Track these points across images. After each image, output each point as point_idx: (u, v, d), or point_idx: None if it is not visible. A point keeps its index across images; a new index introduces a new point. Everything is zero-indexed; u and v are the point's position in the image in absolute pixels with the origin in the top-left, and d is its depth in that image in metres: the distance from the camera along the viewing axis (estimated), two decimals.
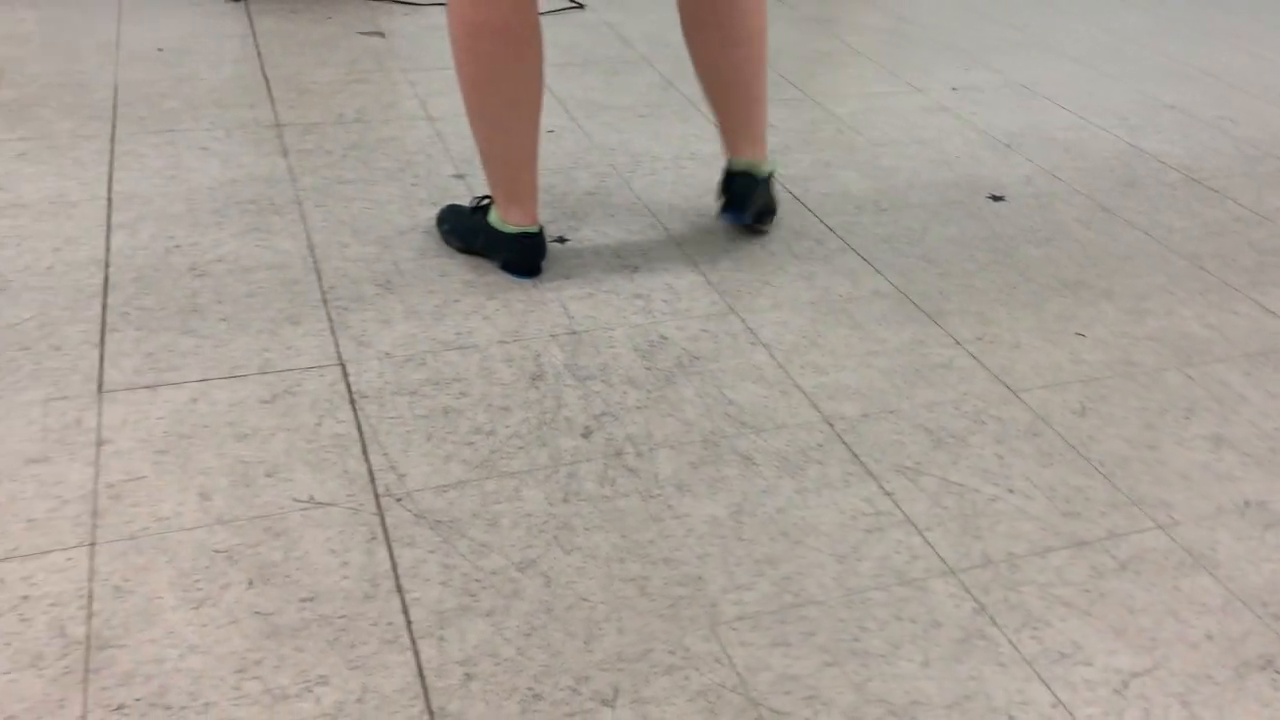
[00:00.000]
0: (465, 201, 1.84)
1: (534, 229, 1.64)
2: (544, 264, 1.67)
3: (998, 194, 2.04)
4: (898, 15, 3.11)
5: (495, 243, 1.65)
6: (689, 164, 2.07)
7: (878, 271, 1.74)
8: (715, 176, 2.02)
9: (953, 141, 2.26)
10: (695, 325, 1.56)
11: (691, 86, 2.43)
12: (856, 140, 2.23)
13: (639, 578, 1.12)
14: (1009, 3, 3.29)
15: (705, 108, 2.32)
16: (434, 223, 1.78)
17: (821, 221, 1.88)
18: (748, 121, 1.75)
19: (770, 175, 1.77)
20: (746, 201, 1.76)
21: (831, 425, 1.37)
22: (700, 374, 1.45)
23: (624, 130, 2.19)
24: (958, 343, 1.57)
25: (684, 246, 1.77)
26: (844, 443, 1.34)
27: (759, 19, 1.68)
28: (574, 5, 2.92)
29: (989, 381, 1.48)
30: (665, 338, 1.52)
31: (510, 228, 1.63)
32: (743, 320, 1.58)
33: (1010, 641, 1.08)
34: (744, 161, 1.76)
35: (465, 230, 1.69)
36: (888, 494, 1.27)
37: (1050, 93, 2.56)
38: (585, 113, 2.25)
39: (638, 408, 1.38)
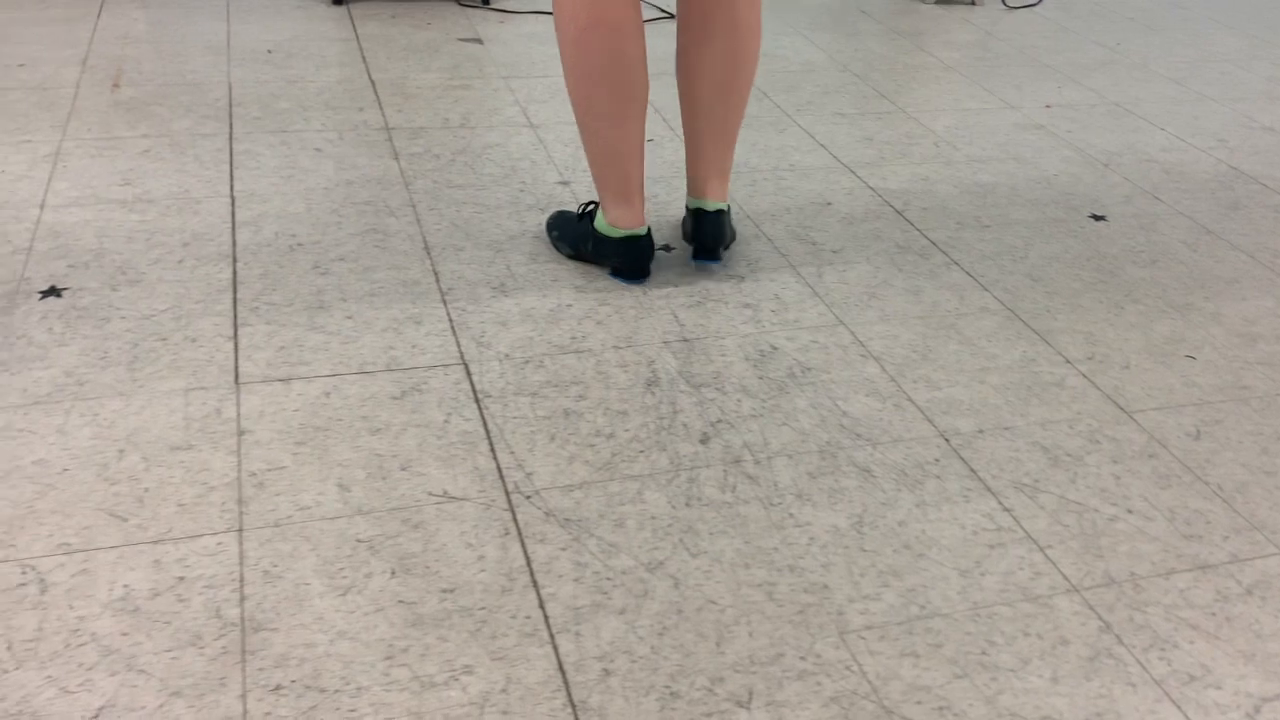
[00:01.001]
0: (572, 208, 1.88)
1: (641, 231, 1.66)
2: (652, 270, 1.70)
3: (1099, 213, 2.03)
4: (986, 31, 3.10)
5: (603, 247, 1.68)
6: (788, 175, 2.08)
7: (984, 288, 1.74)
8: (815, 188, 2.04)
9: (1050, 160, 2.26)
10: (805, 336, 1.58)
11: (787, 97, 2.45)
12: (953, 155, 2.23)
13: (765, 583, 1.14)
14: (1100, 21, 3.27)
15: (802, 120, 2.34)
16: (544, 228, 1.82)
17: (924, 236, 1.89)
18: (722, 152, 1.69)
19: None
20: (720, 237, 1.70)
21: (947, 440, 1.38)
22: (813, 385, 1.47)
23: None
24: (1068, 361, 1.57)
25: (789, 257, 1.79)
26: (961, 458, 1.35)
27: (754, 36, 1.63)
28: (666, 15, 2.95)
29: (1101, 401, 1.48)
30: (775, 348, 1.54)
31: (618, 231, 1.65)
32: (852, 332, 1.59)
33: (1139, 662, 1.08)
34: (713, 204, 1.70)
35: (574, 236, 1.72)
36: (1007, 510, 1.27)
37: (1146, 113, 2.55)
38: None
39: (753, 416, 1.40)
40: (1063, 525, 1.26)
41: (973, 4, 3.37)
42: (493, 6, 2.89)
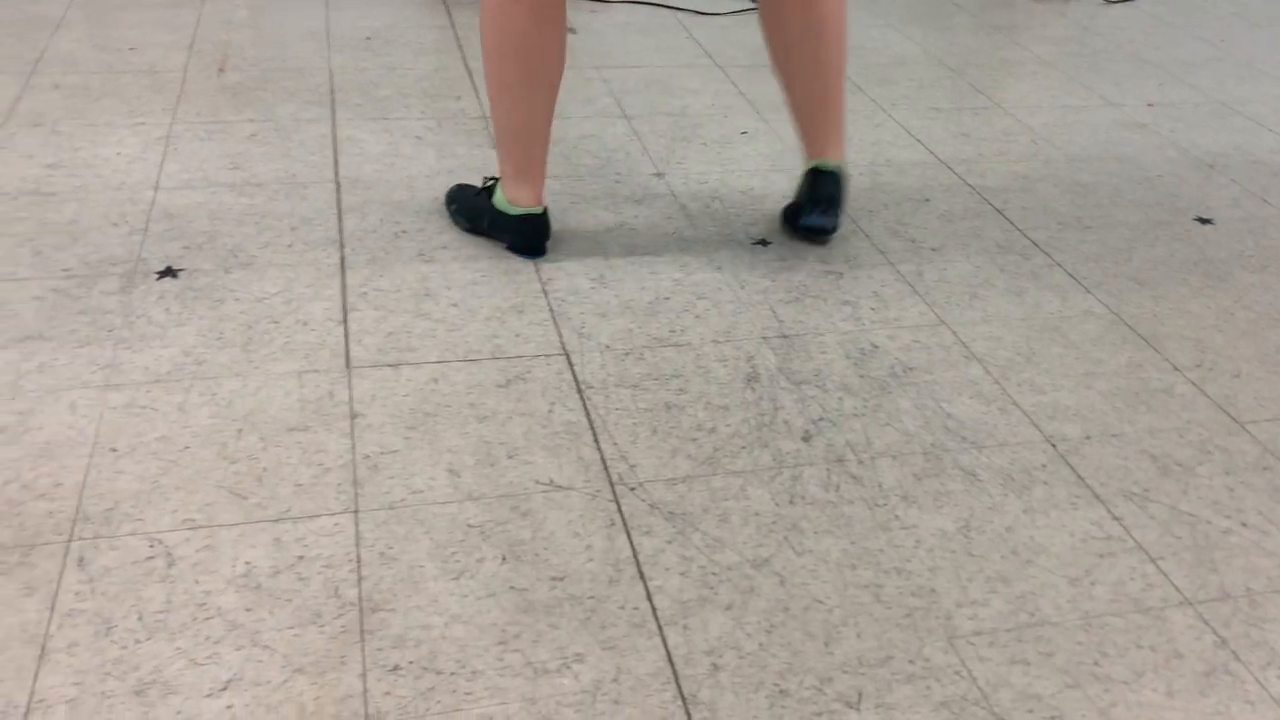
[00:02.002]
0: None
1: (538, 210, 1.67)
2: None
3: (1205, 216, 1.98)
4: (1083, 26, 3.03)
5: (500, 224, 1.70)
6: (884, 170, 2.06)
7: (1088, 291, 1.71)
8: (912, 184, 2.02)
9: (1153, 159, 2.20)
10: (906, 335, 1.56)
11: (881, 91, 2.43)
12: (1053, 154, 2.19)
13: (872, 585, 1.14)
14: (1202, 16, 3.18)
15: (897, 114, 2.31)
16: (445, 200, 1.82)
17: (1025, 236, 1.86)
18: (831, 116, 1.71)
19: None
20: (837, 201, 1.73)
21: (1054, 446, 1.36)
22: (915, 385, 1.46)
23: None
24: (1176, 368, 1.53)
25: (887, 254, 1.77)
26: (1068, 464, 1.33)
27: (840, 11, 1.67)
28: (757, 7, 2.93)
29: (1212, 410, 1.45)
30: (876, 346, 1.54)
31: (515, 209, 1.67)
32: (954, 333, 1.57)
33: (1257, 680, 1.06)
34: (830, 163, 1.73)
35: (472, 210, 1.74)
36: (1116, 519, 1.25)
37: (1254, 113, 2.47)
38: (777, 116, 2.27)
39: (855, 415, 1.39)
40: (1174, 537, 1.23)
41: None
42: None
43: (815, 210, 1.73)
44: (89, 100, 2.07)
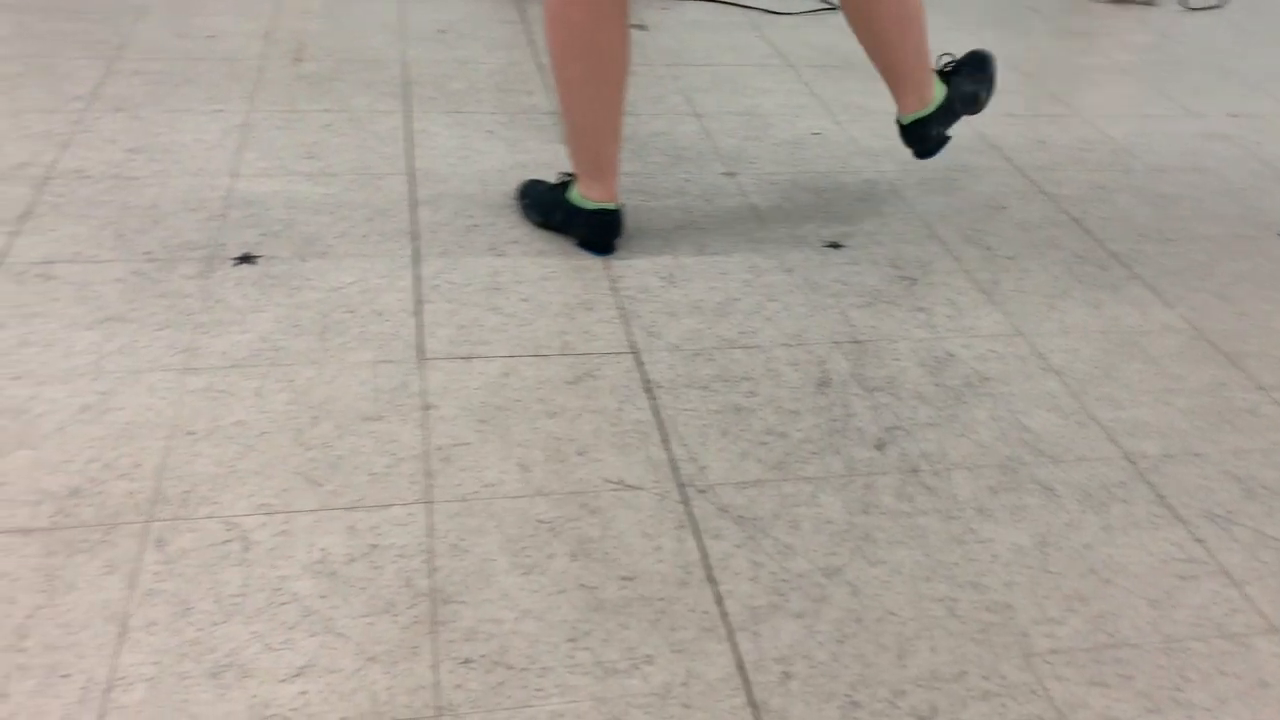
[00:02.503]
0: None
1: (612, 206, 1.67)
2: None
3: None
4: (1163, 33, 2.96)
5: (573, 219, 1.70)
6: (959, 176, 2.03)
7: (1168, 305, 1.67)
8: (988, 191, 1.98)
9: (1236, 172, 2.15)
10: (982, 344, 1.54)
11: None
12: (1132, 163, 2.15)
13: (947, 598, 1.12)
14: None
15: (972, 120, 2.27)
16: (518, 195, 1.82)
17: (1103, 247, 1.82)
18: (916, 71, 1.78)
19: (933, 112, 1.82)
20: (927, 141, 1.83)
21: (1133, 463, 1.33)
22: (991, 396, 1.43)
23: (889, 137, 2.16)
24: (1261, 388, 1.49)
25: (962, 261, 1.74)
26: (1148, 482, 1.30)
27: None
28: (828, 7, 2.91)
29: None
30: (951, 355, 1.51)
31: (589, 204, 1.67)
32: (1031, 344, 1.54)
33: None
34: (912, 116, 1.81)
35: (545, 205, 1.74)
36: (1199, 541, 1.22)
37: None
38: (849, 116, 2.24)
39: (929, 425, 1.37)
40: (1260, 561, 1.20)
41: (1149, 4, 3.22)
42: None
43: (918, 154, 1.85)
44: (169, 86, 2.10)
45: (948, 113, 1.81)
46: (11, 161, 1.79)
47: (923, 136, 1.82)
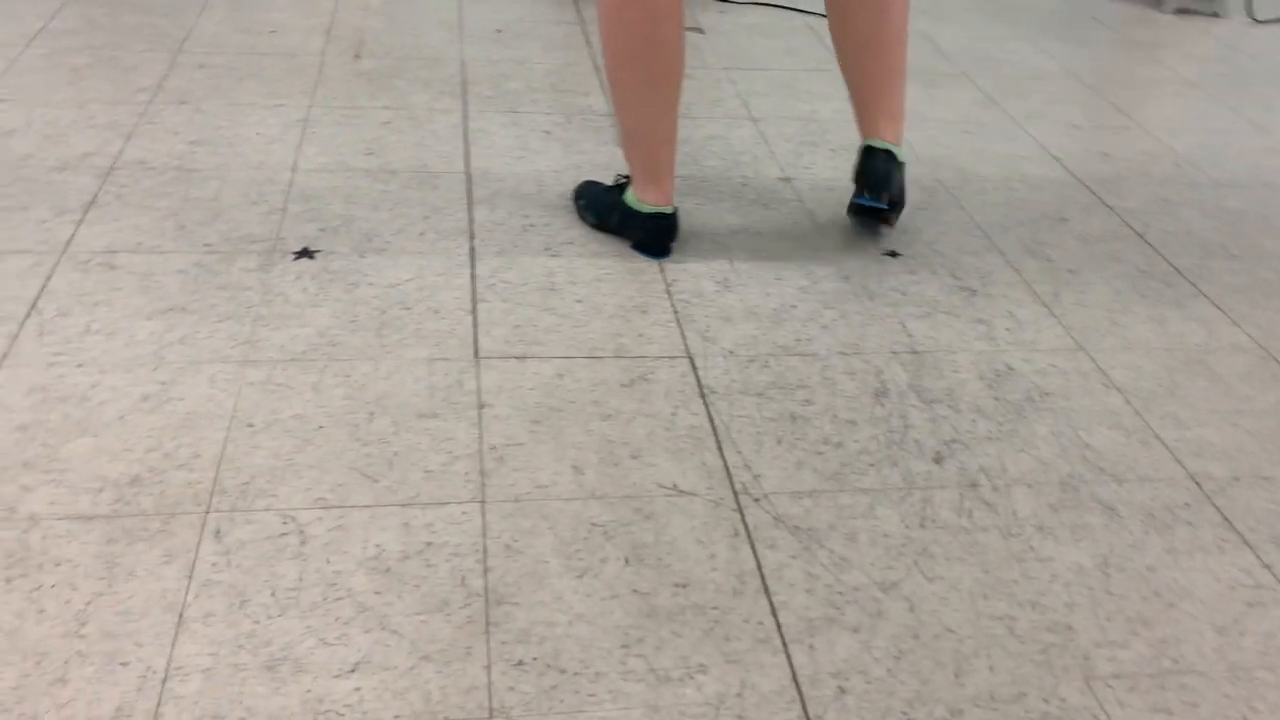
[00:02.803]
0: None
1: (668, 210, 1.66)
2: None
3: None
4: (1230, 45, 2.90)
5: (629, 221, 1.69)
6: (1019, 186, 2.00)
7: (1235, 323, 1.63)
8: (1049, 202, 1.95)
9: None
10: (1042, 359, 1.51)
11: (1017, 105, 2.35)
12: (1197, 178, 2.10)
13: (1006, 617, 1.10)
14: None
15: (1033, 130, 2.24)
16: (574, 196, 1.81)
17: (1168, 262, 1.78)
18: (885, 95, 1.68)
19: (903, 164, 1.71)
20: (889, 181, 1.66)
21: (1199, 484, 1.30)
22: (1052, 411, 1.40)
23: (948, 146, 2.14)
24: None
25: (1022, 273, 1.71)
26: (1214, 505, 1.27)
27: None
28: None
29: None
30: (1011, 368, 1.49)
31: (645, 207, 1.66)
32: (1093, 359, 1.52)
33: None
34: (882, 142, 1.68)
35: (601, 207, 1.74)
36: (1267, 567, 1.19)
37: None
38: (907, 124, 2.22)
39: (989, 439, 1.35)
40: None
41: (1215, 15, 3.16)
42: None
43: (865, 189, 1.68)
44: (232, 80, 2.13)
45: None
46: (77, 151, 1.82)
47: (889, 173, 1.67)
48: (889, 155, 1.68)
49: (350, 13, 2.55)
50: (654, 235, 1.68)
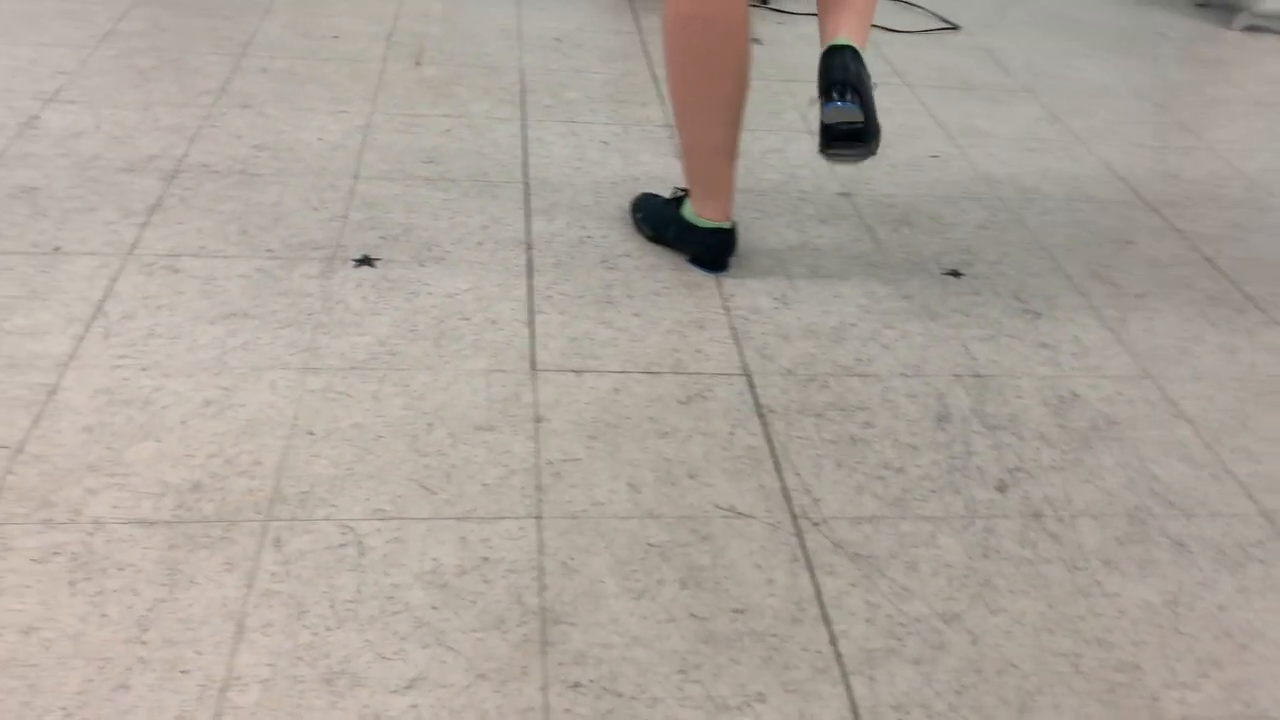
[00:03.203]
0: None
1: (726, 225, 1.65)
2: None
3: None
4: None
5: (685, 235, 1.68)
6: (1084, 206, 1.97)
7: None
8: (1115, 224, 1.91)
9: None
10: (1108, 386, 1.48)
11: (1080, 123, 2.31)
12: (1269, 202, 2.05)
13: (1071, 654, 1.08)
14: None
15: (1097, 149, 2.20)
16: (631, 208, 1.80)
17: (1238, 289, 1.74)
18: (857, 12, 1.48)
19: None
20: (860, 82, 1.42)
21: (1272, 522, 1.26)
22: (1119, 441, 1.37)
23: (1010, 163, 2.11)
24: None
25: (1088, 297, 1.68)
26: None
27: None
28: (948, 26, 2.84)
29: None
30: (1077, 395, 1.45)
31: (704, 222, 1.65)
32: (1160, 388, 1.48)
33: None
34: (844, 39, 1.45)
35: (659, 220, 1.72)
36: None
37: None
38: (969, 140, 2.19)
39: (1053, 468, 1.32)
40: None
41: None
42: (771, 6, 2.86)
43: (832, 90, 1.43)
44: (294, 85, 2.15)
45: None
46: (143, 153, 1.84)
47: (858, 73, 1.43)
48: (855, 53, 1.45)
49: (411, 19, 2.56)
50: (712, 251, 1.67)
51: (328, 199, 1.76)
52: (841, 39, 1.47)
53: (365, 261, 1.60)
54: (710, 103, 1.57)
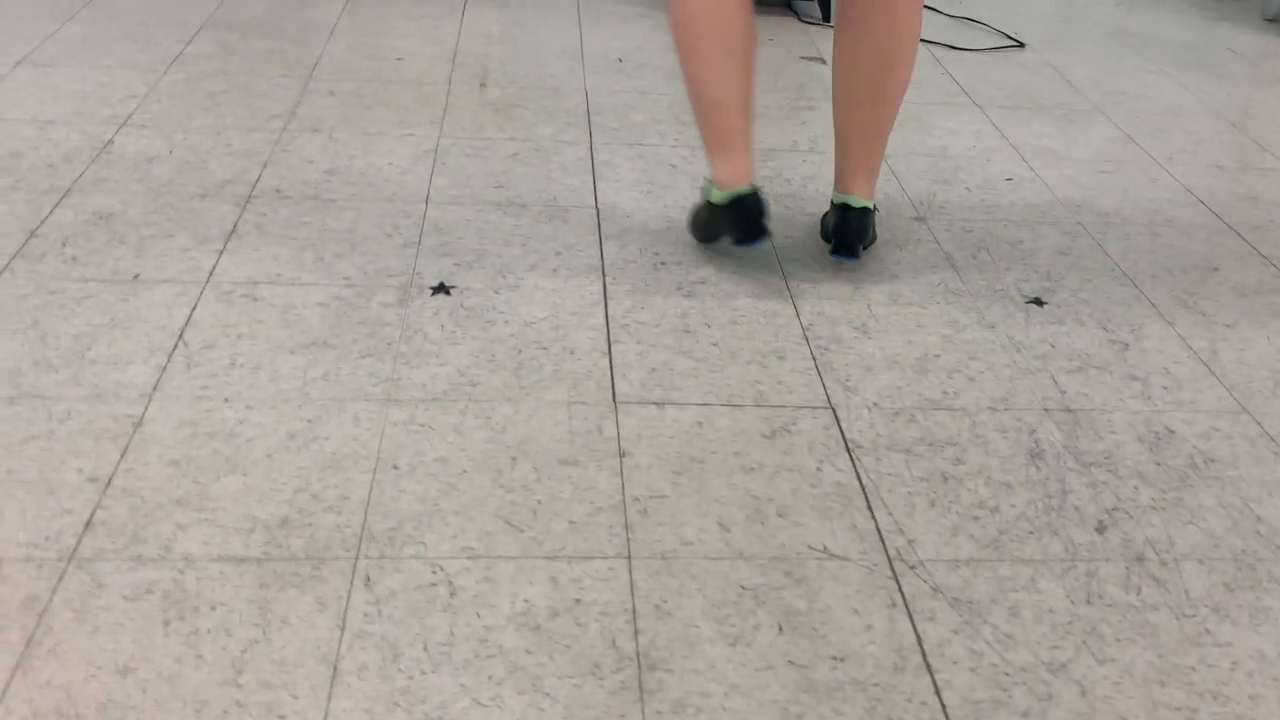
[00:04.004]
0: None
1: (746, 190, 1.61)
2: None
3: None
4: None
5: (719, 219, 1.66)
6: (1164, 231, 1.92)
7: None
8: (1198, 249, 1.86)
9: None
10: (1204, 421, 1.43)
11: (1155, 144, 2.26)
12: None
13: (1185, 708, 1.04)
14: None
15: (1174, 170, 2.15)
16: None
17: None
18: (871, 152, 1.67)
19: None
20: (863, 235, 1.68)
21: None
22: (1219, 480, 1.33)
23: (1087, 186, 2.06)
24: None
25: (1176, 326, 1.63)
26: None
27: (911, 38, 1.62)
28: (1014, 44, 2.80)
29: None
30: (1172, 431, 1.41)
31: (723, 196, 1.62)
32: (1259, 424, 1.43)
33: None
34: (858, 200, 1.68)
35: (699, 220, 1.73)
36: None
37: None
38: (1042, 162, 2.15)
39: (1153, 508, 1.28)
40: None
41: None
42: (834, 24, 2.83)
43: (841, 248, 1.68)
44: (361, 108, 2.15)
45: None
46: (217, 179, 1.85)
47: (863, 228, 1.68)
48: (863, 212, 1.68)
49: (472, 40, 2.56)
50: (743, 220, 1.62)
51: (401, 225, 1.75)
52: (857, 200, 1.67)
53: (441, 289, 1.59)
54: (717, 53, 1.56)
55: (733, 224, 1.63)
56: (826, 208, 1.90)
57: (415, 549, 1.15)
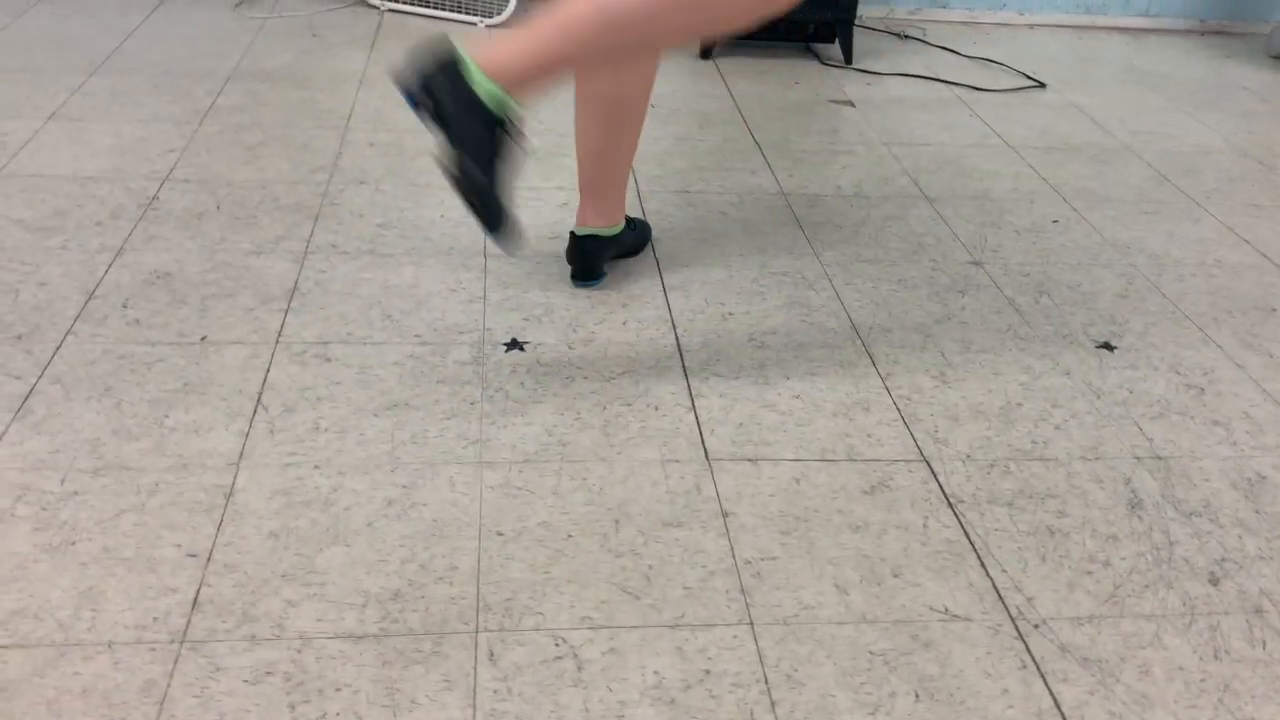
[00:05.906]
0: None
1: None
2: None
3: None
4: None
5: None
6: (1217, 272, 1.93)
7: None
8: (1252, 290, 1.88)
9: None
10: None
11: (1191, 183, 2.29)
12: None
13: None
14: None
15: (1214, 209, 2.17)
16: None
17: None
18: (612, 190, 1.69)
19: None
20: (598, 260, 1.74)
21: None
22: None
23: (1133, 226, 2.08)
24: None
25: (1247, 369, 1.64)
26: None
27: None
28: (1035, 84, 2.83)
29: None
30: (1263, 477, 1.41)
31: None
32: None
33: None
34: (589, 229, 1.72)
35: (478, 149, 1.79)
36: None
37: None
38: (1085, 204, 2.16)
39: (1261, 558, 1.27)
40: None
41: None
42: (856, 67, 2.85)
43: (580, 273, 1.74)
44: (404, 159, 2.13)
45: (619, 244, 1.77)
46: (269, 235, 1.82)
47: (598, 253, 1.72)
48: (595, 239, 1.72)
49: None
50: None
51: (463, 279, 1.73)
52: (587, 230, 1.72)
53: (515, 345, 1.57)
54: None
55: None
56: (888, 255, 1.90)
57: (534, 620, 1.11)
